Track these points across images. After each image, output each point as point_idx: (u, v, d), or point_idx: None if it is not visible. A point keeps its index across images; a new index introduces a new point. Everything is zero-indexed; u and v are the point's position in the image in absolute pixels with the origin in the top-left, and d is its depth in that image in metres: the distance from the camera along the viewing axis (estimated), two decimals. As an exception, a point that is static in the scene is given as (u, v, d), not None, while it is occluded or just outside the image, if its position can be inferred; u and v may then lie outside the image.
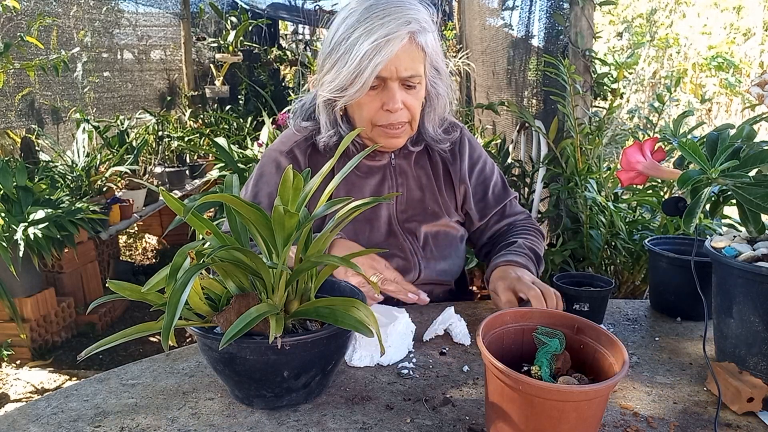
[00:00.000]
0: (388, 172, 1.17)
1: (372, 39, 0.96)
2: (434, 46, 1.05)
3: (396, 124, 1.06)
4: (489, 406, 0.65)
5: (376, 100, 1.04)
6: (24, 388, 2.33)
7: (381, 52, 0.96)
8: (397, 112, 1.03)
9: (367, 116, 1.06)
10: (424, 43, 1.01)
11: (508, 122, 3.52)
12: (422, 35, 1.01)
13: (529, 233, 1.21)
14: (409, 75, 1.01)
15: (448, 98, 1.14)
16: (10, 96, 2.85)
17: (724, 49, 6.43)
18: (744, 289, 0.75)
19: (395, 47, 0.97)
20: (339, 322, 0.67)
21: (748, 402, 0.72)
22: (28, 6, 2.93)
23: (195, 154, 4.23)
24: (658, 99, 1.82)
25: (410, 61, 1.00)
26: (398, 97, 1.02)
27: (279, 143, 1.18)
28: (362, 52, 0.96)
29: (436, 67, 1.08)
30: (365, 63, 0.97)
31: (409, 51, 1.00)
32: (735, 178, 0.74)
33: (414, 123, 1.09)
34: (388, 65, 0.98)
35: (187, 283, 0.59)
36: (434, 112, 1.14)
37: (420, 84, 1.05)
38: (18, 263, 2.28)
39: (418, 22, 0.99)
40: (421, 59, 1.03)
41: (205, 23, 5.21)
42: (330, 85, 1.03)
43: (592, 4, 2.15)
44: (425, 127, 1.16)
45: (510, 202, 1.25)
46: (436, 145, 1.17)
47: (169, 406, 0.75)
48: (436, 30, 1.06)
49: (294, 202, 0.69)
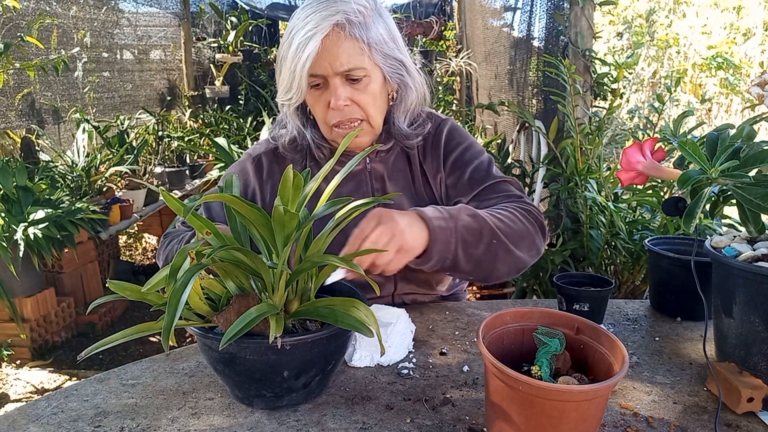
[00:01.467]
0: (364, 178, 1.12)
1: (300, 36, 0.94)
2: (380, 37, 0.99)
3: (346, 122, 1.01)
4: (489, 406, 0.65)
5: (321, 100, 1.01)
6: (24, 388, 2.33)
7: (306, 47, 0.93)
8: (344, 108, 0.99)
9: (321, 118, 1.04)
10: (359, 35, 0.96)
11: (509, 122, 3.52)
12: (355, 27, 0.95)
13: (500, 209, 1.01)
14: (347, 69, 0.96)
15: (418, 91, 1.08)
16: (10, 96, 2.85)
17: (724, 49, 6.43)
18: (744, 289, 0.75)
19: (318, 41, 0.93)
20: (339, 322, 0.67)
21: (748, 402, 0.72)
22: (28, 6, 2.92)
23: (195, 154, 4.23)
24: (658, 99, 1.82)
25: (345, 55, 0.96)
26: (341, 92, 0.98)
27: (252, 148, 1.18)
28: (293, 50, 0.95)
29: (395, 57, 1.02)
30: (296, 61, 0.94)
31: (339, 44, 0.95)
32: (735, 178, 0.74)
33: (372, 119, 1.04)
34: (319, 61, 0.95)
35: (188, 283, 0.59)
36: (404, 105, 1.09)
37: (367, 77, 0.99)
38: (18, 263, 2.28)
39: (346, 14, 0.95)
40: (361, 51, 0.97)
41: (205, 23, 5.21)
42: (279, 88, 1.02)
43: (592, 4, 2.15)
44: (395, 123, 1.10)
45: (492, 186, 1.09)
46: (404, 141, 1.11)
47: (169, 406, 0.75)
48: (383, 21, 1.01)
49: (294, 202, 0.69)
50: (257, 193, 1.13)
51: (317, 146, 1.11)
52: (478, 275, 0.97)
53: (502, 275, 0.98)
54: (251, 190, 1.12)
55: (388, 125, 1.10)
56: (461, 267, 0.92)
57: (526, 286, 2.12)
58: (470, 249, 0.91)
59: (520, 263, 0.99)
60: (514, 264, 0.98)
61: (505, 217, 0.97)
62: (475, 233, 0.91)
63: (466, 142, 1.14)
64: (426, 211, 0.90)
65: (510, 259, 0.96)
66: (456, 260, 0.91)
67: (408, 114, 1.11)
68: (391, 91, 1.08)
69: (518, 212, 1.01)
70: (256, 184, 1.13)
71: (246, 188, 1.12)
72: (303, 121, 1.10)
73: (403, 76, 1.05)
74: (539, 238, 1.02)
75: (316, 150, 1.11)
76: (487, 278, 0.98)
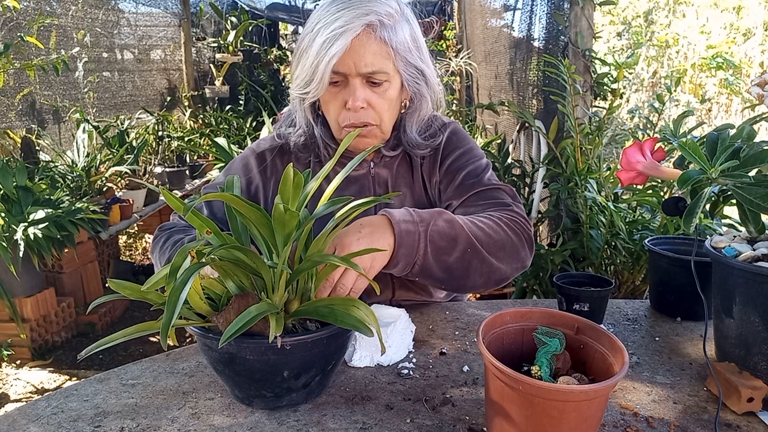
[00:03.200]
0: (367, 183, 1.10)
1: (328, 31, 0.91)
2: (406, 43, 0.97)
3: (358, 125, 0.99)
4: (489, 406, 0.65)
5: (338, 98, 0.98)
6: (24, 388, 2.33)
7: (335, 44, 0.91)
8: (359, 111, 0.97)
9: (333, 116, 1.01)
10: (388, 38, 0.94)
11: (510, 122, 3.52)
12: (385, 30, 0.94)
13: (483, 216, 0.97)
14: (371, 71, 0.94)
15: (432, 100, 1.07)
16: (10, 96, 2.85)
17: (724, 49, 6.43)
18: (744, 289, 0.75)
19: (348, 40, 0.91)
20: (339, 321, 0.67)
21: (748, 402, 0.72)
22: (28, 6, 2.92)
23: (195, 154, 4.23)
24: (658, 99, 1.82)
25: (371, 56, 0.94)
26: (359, 94, 0.96)
27: (256, 144, 1.16)
28: (318, 44, 0.92)
29: (416, 65, 1.00)
30: (321, 56, 0.92)
31: (367, 45, 0.93)
32: (735, 178, 0.74)
33: (384, 126, 1.02)
34: (345, 59, 0.93)
35: (187, 281, 0.59)
36: (418, 114, 1.07)
37: (388, 82, 0.98)
38: (18, 263, 2.28)
39: (378, 15, 0.93)
40: (387, 55, 0.95)
41: (205, 23, 5.21)
42: (296, 81, 0.99)
43: (592, 4, 2.15)
44: (406, 131, 1.08)
45: (482, 192, 1.05)
46: (414, 149, 1.08)
47: (169, 406, 0.75)
48: (410, 26, 0.99)
49: (294, 201, 0.69)
50: (260, 190, 1.12)
51: (325, 145, 1.09)
52: (452, 284, 0.93)
53: (478, 286, 0.94)
54: (254, 187, 1.11)
55: (398, 132, 1.08)
56: (433, 273, 0.89)
57: (526, 286, 2.12)
58: (442, 255, 0.88)
59: (498, 275, 0.94)
60: (491, 275, 0.93)
61: (486, 226, 0.93)
62: (449, 239, 0.88)
63: (464, 146, 1.12)
64: (395, 214, 0.87)
65: (486, 269, 0.92)
66: (426, 266, 0.87)
67: (420, 123, 1.09)
68: (405, 99, 1.06)
69: (503, 222, 0.96)
70: (259, 181, 1.11)
71: (249, 185, 1.11)
72: (313, 117, 1.07)
73: (421, 86, 1.03)
74: (524, 250, 0.97)
75: (323, 149, 1.09)
76: (461, 288, 0.95)
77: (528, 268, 1.00)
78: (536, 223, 2.41)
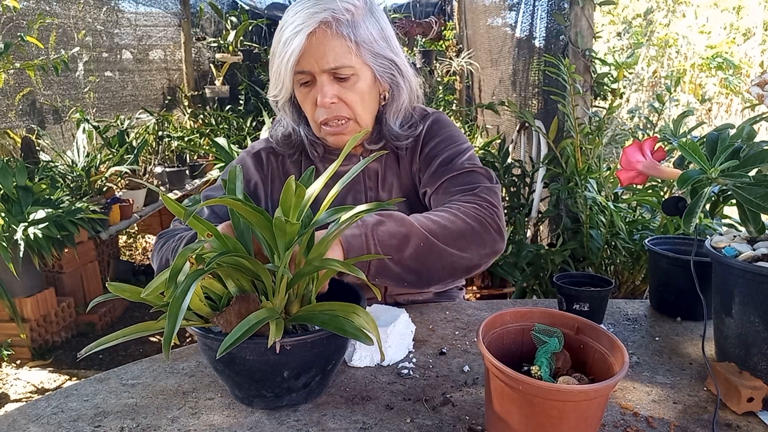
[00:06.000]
0: (359, 176, 1.12)
1: (287, 32, 0.95)
2: (370, 36, 0.99)
3: (332, 119, 1.02)
4: (489, 406, 0.65)
5: (309, 97, 1.01)
6: (24, 388, 2.33)
7: (291, 44, 0.94)
8: (330, 106, 1.00)
9: (310, 115, 1.05)
10: (347, 33, 0.96)
11: (511, 122, 3.52)
12: (342, 26, 0.96)
13: (440, 209, 0.97)
14: (333, 67, 0.97)
15: (412, 91, 1.08)
16: (11, 96, 2.85)
17: (724, 49, 6.43)
18: (744, 289, 0.75)
19: (302, 38, 0.94)
20: (339, 329, 0.66)
21: (748, 402, 0.72)
22: (28, 6, 2.92)
23: (195, 154, 4.23)
24: (658, 99, 1.82)
25: (331, 53, 0.96)
26: (327, 90, 0.98)
27: (251, 146, 1.19)
28: (281, 46, 0.96)
29: (385, 56, 1.02)
30: (282, 57, 0.96)
31: (325, 42, 0.95)
32: (735, 178, 0.74)
33: (359, 118, 1.04)
34: (306, 57, 0.96)
35: (188, 291, 0.58)
36: (395, 105, 1.08)
37: (356, 75, 1.00)
38: (18, 263, 2.28)
39: (333, 12, 0.95)
40: (348, 50, 0.97)
41: (204, 23, 5.21)
42: (270, 85, 1.04)
43: (592, 4, 2.15)
44: (387, 123, 1.09)
45: (454, 177, 1.04)
46: (395, 141, 1.10)
47: (169, 406, 0.75)
48: (375, 19, 1.01)
49: (295, 209, 0.69)
50: (260, 186, 1.14)
51: (311, 143, 1.12)
52: (416, 281, 0.92)
53: (444, 277, 0.93)
54: (253, 184, 1.14)
55: (380, 125, 1.11)
56: (391, 273, 0.89)
57: (526, 286, 2.12)
58: (396, 254, 0.87)
59: (463, 264, 0.93)
60: (455, 266, 0.92)
61: (440, 218, 0.93)
62: (400, 237, 0.88)
63: (444, 134, 1.12)
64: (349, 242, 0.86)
65: (447, 260, 0.91)
66: (382, 267, 0.87)
67: (399, 114, 1.11)
68: (383, 90, 1.08)
69: (461, 211, 0.95)
70: (258, 179, 1.14)
71: (248, 183, 1.13)
72: (296, 118, 1.11)
73: (395, 76, 1.05)
74: (489, 235, 0.95)
75: (310, 147, 1.12)
76: (427, 283, 0.93)
77: (502, 252, 0.98)
78: (536, 223, 2.41)
